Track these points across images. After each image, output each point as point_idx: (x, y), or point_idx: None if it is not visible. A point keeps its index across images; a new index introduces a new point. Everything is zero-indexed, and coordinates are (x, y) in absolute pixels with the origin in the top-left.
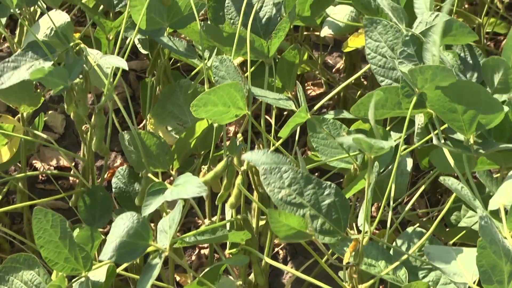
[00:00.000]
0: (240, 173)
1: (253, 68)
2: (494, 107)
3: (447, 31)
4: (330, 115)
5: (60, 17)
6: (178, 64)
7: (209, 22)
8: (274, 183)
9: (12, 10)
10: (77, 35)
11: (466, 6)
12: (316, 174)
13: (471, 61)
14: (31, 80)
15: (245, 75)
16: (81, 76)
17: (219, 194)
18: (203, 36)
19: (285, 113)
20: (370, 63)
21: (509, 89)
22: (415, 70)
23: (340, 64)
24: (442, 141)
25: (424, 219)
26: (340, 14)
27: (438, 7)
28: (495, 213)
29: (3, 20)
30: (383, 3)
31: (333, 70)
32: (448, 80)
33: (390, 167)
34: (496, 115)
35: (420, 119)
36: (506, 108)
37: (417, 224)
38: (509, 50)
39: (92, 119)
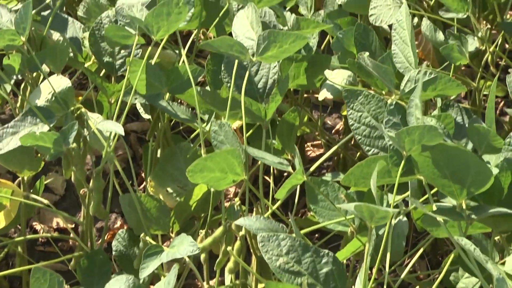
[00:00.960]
0: (238, 238)
1: (252, 130)
2: (484, 172)
3: (435, 86)
4: (327, 177)
5: (61, 82)
6: (181, 127)
7: (208, 86)
8: (272, 250)
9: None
10: (79, 98)
11: (463, 68)
12: (317, 235)
13: (467, 125)
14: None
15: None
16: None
17: (217, 260)
18: (201, 100)
19: (285, 174)
20: (355, 133)
21: (496, 151)
22: (402, 132)
23: (340, 125)
24: (434, 207)
25: (424, 281)
26: (338, 77)
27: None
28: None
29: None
30: (370, 66)
31: (333, 131)
32: (436, 140)
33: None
34: (486, 179)
35: (414, 181)
36: (496, 170)
37: (417, 287)
38: (491, 113)
39: (91, 183)
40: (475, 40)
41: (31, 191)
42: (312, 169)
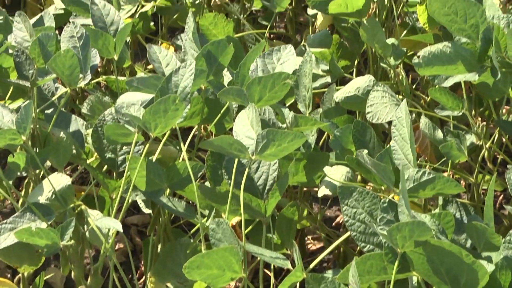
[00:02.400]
0: None
1: (252, 225)
2: (477, 270)
3: (434, 186)
4: (328, 273)
5: (61, 180)
6: (181, 221)
7: (208, 181)
8: None
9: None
10: (81, 193)
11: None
12: None
13: (466, 221)
14: None
15: (243, 234)
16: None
17: None
18: (202, 196)
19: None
20: (350, 229)
21: (495, 249)
22: (393, 229)
23: (340, 218)
24: None
25: None
26: (337, 174)
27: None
28: None
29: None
30: (369, 164)
31: (333, 224)
32: (426, 235)
33: None
34: (480, 278)
35: (414, 277)
36: (491, 267)
37: None
38: (489, 211)
39: (89, 280)
40: (472, 135)
41: (31, 287)
42: (312, 265)
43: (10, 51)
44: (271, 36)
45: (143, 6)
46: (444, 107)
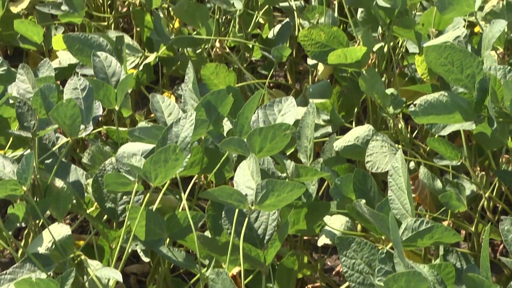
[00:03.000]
0: None
1: (252, 275)
2: None
3: (432, 235)
4: None
5: (61, 230)
6: (181, 270)
7: (208, 231)
8: None
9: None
10: (81, 242)
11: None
12: None
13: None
14: None
15: (243, 284)
16: None
17: None
18: (202, 246)
19: None
20: (348, 280)
21: None
22: (389, 280)
23: (340, 267)
24: None
25: None
26: (337, 223)
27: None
28: None
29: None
30: (367, 214)
31: (333, 272)
32: (423, 286)
33: None
34: None
35: None
36: None
37: None
38: (485, 261)
39: None
40: (472, 185)
41: None
42: None
43: (11, 101)
44: (271, 85)
45: (146, 57)
46: (443, 157)
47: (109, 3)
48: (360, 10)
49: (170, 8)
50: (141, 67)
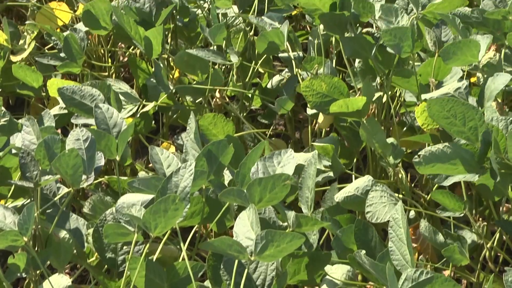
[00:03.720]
0: None
1: None
2: None
3: (432, 286)
4: None
5: (61, 281)
6: None
7: (208, 281)
8: None
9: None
10: None
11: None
12: None
13: None
14: None
15: None
16: None
17: None
18: None
19: None
20: None
21: None
22: None
23: None
24: None
25: None
26: (338, 272)
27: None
28: None
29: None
30: (367, 264)
31: None
32: None
33: None
34: None
35: None
36: None
37: None
38: None
39: None
40: (473, 234)
41: None
42: None
43: (13, 151)
44: (271, 133)
45: (144, 106)
46: (446, 208)
47: (110, 53)
48: (357, 60)
49: (170, 59)
50: (138, 115)
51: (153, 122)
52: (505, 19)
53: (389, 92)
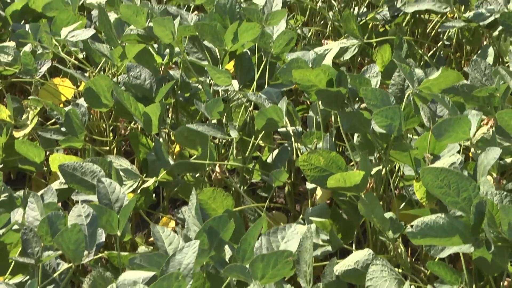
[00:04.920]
0: None
1: None
2: None
3: None
4: None
5: None
6: None
7: None
8: None
9: None
10: None
11: None
12: None
13: None
14: None
15: None
16: None
17: None
18: None
19: None
20: None
21: None
22: None
23: None
24: None
25: None
26: None
27: None
28: None
29: None
30: None
31: None
32: None
33: None
34: None
35: None
36: None
37: None
38: None
39: None
40: None
41: None
42: None
43: (14, 227)
44: (271, 206)
45: (144, 181)
46: (444, 281)
47: (111, 127)
48: (356, 134)
49: (171, 133)
50: (138, 190)
51: (154, 195)
52: (493, 96)
53: (388, 166)
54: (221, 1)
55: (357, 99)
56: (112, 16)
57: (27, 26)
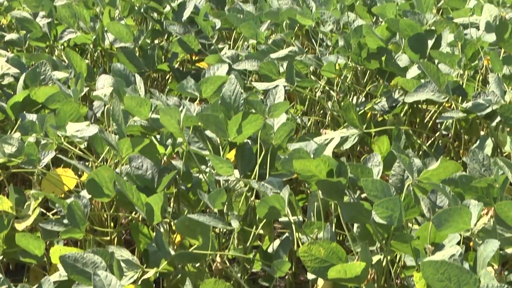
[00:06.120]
0: None
1: None
2: None
3: None
4: None
5: None
6: None
7: None
8: None
9: None
10: None
11: None
12: None
13: None
14: None
15: None
16: None
17: None
18: None
19: None
20: None
21: None
22: None
23: None
24: None
25: None
26: None
27: None
28: None
29: None
30: None
31: None
32: None
33: None
34: None
35: None
36: None
37: None
38: None
39: None
40: None
41: None
42: None
43: None
44: None
45: (145, 272)
46: None
47: (112, 217)
48: (356, 225)
49: (172, 223)
50: (139, 282)
51: (153, 285)
52: (492, 187)
53: (389, 256)
54: (227, 93)
55: (357, 188)
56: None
57: (31, 116)
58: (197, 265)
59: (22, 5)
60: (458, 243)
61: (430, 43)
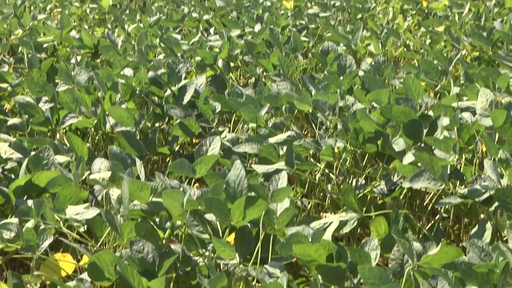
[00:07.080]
0: None
1: None
2: None
3: None
4: None
5: None
6: None
7: None
8: None
9: None
10: None
11: None
12: None
13: None
14: None
15: None
16: None
17: None
18: None
19: None
20: None
21: None
22: None
23: None
24: None
25: None
26: None
27: None
28: None
29: None
30: None
31: None
32: None
33: None
34: None
35: None
36: None
37: None
38: None
39: None
40: None
41: None
42: None
43: None
44: None
45: None
46: None
47: None
48: None
49: None
50: None
51: None
52: (492, 272)
53: None
54: (232, 177)
55: (357, 272)
56: (115, 192)
57: (29, 202)
58: None
59: (26, 90)
60: None
61: (426, 127)
